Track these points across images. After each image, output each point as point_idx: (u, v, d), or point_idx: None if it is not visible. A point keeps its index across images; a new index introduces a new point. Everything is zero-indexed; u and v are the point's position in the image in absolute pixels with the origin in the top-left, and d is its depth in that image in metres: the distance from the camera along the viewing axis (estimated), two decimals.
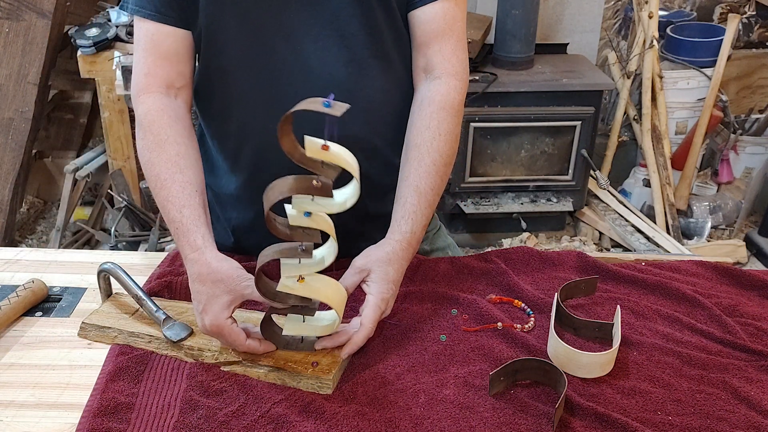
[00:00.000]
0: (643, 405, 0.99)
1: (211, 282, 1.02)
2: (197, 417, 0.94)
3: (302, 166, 0.90)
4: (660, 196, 3.28)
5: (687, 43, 3.33)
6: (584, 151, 3.10)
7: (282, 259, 0.97)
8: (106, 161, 3.02)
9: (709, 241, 3.29)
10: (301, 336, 1.05)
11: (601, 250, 3.22)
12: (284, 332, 1.04)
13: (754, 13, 3.54)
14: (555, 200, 3.23)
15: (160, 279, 1.22)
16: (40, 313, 1.18)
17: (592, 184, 3.33)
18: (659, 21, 3.28)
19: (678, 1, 3.67)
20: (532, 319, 1.16)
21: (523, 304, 1.19)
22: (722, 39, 3.26)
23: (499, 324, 1.13)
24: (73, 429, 0.93)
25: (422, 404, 0.98)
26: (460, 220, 3.29)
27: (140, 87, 1.17)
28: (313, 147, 0.88)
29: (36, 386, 1.02)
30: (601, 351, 1.06)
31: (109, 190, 2.97)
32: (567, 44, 3.34)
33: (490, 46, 3.16)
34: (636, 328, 1.14)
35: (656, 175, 3.29)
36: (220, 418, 0.94)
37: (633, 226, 3.17)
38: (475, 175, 3.15)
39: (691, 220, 3.35)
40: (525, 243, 3.16)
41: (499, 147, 3.11)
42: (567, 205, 3.22)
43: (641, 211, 3.34)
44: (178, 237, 1.07)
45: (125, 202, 2.81)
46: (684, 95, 3.36)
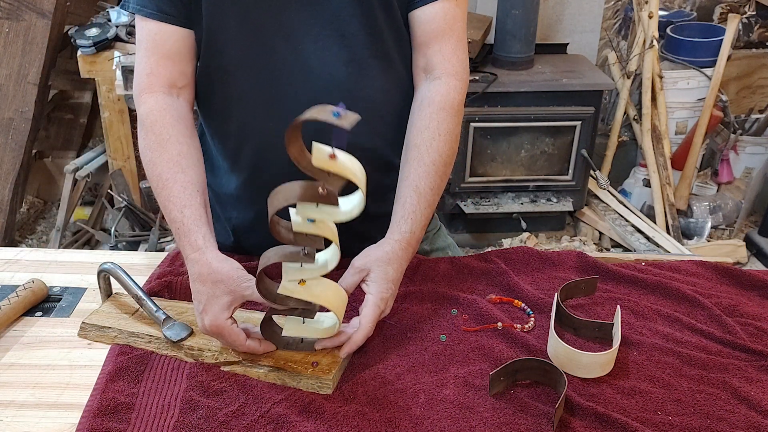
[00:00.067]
0: (643, 405, 0.99)
1: (212, 282, 1.02)
2: (197, 417, 0.94)
3: (308, 173, 0.89)
4: (660, 196, 3.28)
5: (687, 43, 3.33)
6: (584, 151, 3.10)
7: (284, 263, 0.97)
8: (106, 161, 3.02)
9: (709, 241, 3.29)
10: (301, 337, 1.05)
11: (601, 250, 3.22)
12: (284, 333, 1.04)
13: (754, 13, 3.54)
14: (555, 200, 3.23)
15: (160, 279, 1.22)
16: (40, 313, 1.18)
17: (592, 184, 3.33)
18: (659, 21, 3.28)
19: (678, 1, 3.67)
20: (532, 319, 1.16)
21: (523, 304, 1.19)
22: (722, 39, 3.25)
23: (499, 324, 1.13)
24: (73, 429, 0.93)
25: (422, 404, 0.98)
26: (460, 220, 3.29)
27: (142, 86, 1.17)
28: (320, 156, 0.87)
29: (36, 386, 1.02)
30: (601, 351, 1.06)
31: (109, 190, 2.97)
32: (567, 44, 3.34)
33: (490, 46, 3.16)
34: (636, 328, 1.14)
35: (656, 175, 3.29)
36: (220, 418, 0.94)
37: (633, 226, 3.17)
38: (475, 175, 3.15)
39: (691, 220, 3.35)
40: (525, 243, 3.16)
41: (499, 147, 3.11)
42: (567, 205, 3.22)
43: (641, 211, 3.34)
44: (179, 237, 1.07)
45: (125, 202, 2.80)
46: (684, 95, 3.36)
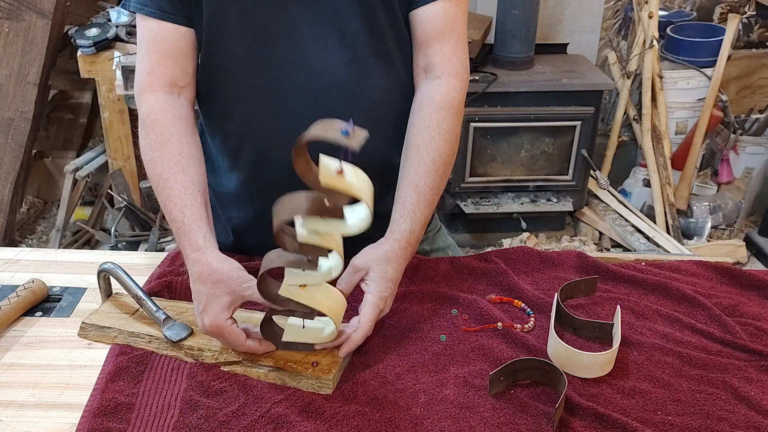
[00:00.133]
0: (643, 405, 0.99)
1: (212, 282, 1.02)
2: (197, 417, 0.94)
3: (314, 188, 0.87)
4: (660, 196, 3.28)
5: (687, 43, 3.33)
6: (584, 151, 3.10)
7: (287, 267, 0.97)
8: (106, 161, 3.02)
9: (709, 241, 3.29)
10: None
11: (601, 250, 3.22)
12: (283, 339, 1.04)
13: (754, 13, 3.54)
14: (555, 200, 3.23)
15: (160, 279, 1.22)
16: (40, 313, 1.18)
17: (592, 184, 3.33)
18: (659, 21, 3.28)
19: (678, 1, 3.67)
20: (532, 319, 1.16)
21: (523, 304, 1.19)
22: (722, 39, 3.25)
23: (499, 324, 1.13)
24: (73, 429, 0.93)
25: (422, 404, 0.98)
26: (460, 220, 3.29)
27: (143, 85, 1.16)
28: (327, 173, 0.86)
29: (36, 386, 1.02)
30: (601, 351, 1.06)
31: (109, 190, 2.97)
32: (567, 44, 3.34)
33: (490, 46, 3.16)
34: (636, 328, 1.14)
35: (656, 175, 3.29)
36: (220, 418, 0.94)
37: (633, 226, 3.17)
38: (475, 175, 3.15)
39: (691, 220, 3.35)
40: (525, 243, 3.16)
41: (499, 147, 3.11)
42: (567, 205, 3.22)
43: (641, 211, 3.34)
44: (180, 237, 1.07)
45: (125, 202, 2.80)
46: (684, 95, 3.36)
